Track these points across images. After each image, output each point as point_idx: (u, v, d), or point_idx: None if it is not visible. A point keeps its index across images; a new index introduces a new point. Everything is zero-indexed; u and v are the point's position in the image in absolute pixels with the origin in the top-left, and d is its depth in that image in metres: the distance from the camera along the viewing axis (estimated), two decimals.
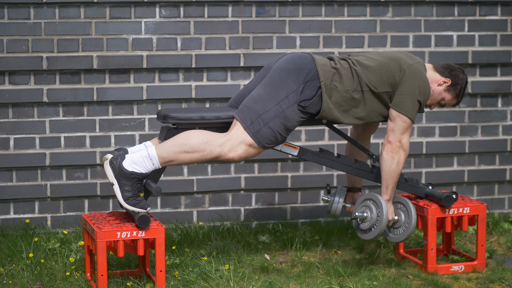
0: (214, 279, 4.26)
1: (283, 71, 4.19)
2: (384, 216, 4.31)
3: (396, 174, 4.32)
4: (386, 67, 4.29)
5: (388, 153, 4.30)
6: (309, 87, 4.17)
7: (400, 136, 4.29)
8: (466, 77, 4.44)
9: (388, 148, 4.30)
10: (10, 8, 4.88)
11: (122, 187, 3.98)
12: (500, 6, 5.40)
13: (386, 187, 4.35)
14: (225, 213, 5.21)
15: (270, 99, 4.14)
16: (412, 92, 4.27)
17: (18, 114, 4.96)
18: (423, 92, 4.30)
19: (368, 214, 4.38)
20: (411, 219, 4.37)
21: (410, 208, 4.39)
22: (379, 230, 4.33)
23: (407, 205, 4.41)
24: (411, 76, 4.28)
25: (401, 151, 4.30)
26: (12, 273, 4.32)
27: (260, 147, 4.15)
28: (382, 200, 4.33)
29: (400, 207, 4.45)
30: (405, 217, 4.41)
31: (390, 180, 4.33)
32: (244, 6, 5.12)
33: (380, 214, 4.32)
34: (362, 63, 4.29)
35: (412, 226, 4.37)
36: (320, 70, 4.19)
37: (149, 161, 4.01)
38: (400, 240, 4.43)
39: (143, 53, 5.03)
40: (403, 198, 4.45)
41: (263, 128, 4.12)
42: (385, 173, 4.33)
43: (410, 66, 4.29)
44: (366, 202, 4.40)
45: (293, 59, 4.23)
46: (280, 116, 4.13)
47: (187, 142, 4.05)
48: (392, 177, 4.33)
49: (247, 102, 4.17)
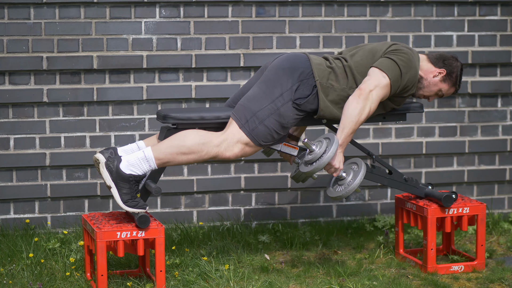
0: (214, 279, 4.26)
1: (278, 70, 4.19)
2: (327, 154, 4.07)
3: (356, 120, 4.13)
4: (374, 51, 4.29)
5: (354, 97, 4.14)
6: (304, 85, 4.17)
7: (372, 86, 4.15)
8: (461, 64, 4.42)
9: (356, 93, 4.15)
10: (10, 8, 4.89)
11: (120, 190, 3.97)
12: (500, 6, 5.40)
13: (342, 130, 4.15)
14: (225, 213, 5.22)
15: (265, 97, 4.14)
16: (392, 56, 4.22)
17: (18, 114, 4.96)
18: (406, 60, 4.23)
19: (316, 148, 4.15)
20: (355, 181, 4.15)
21: (361, 172, 4.16)
22: (316, 166, 4.07)
23: (360, 166, 4.21)
24: (393, 46, 4.27)
25: (367, 102, 4.13)
26: (12, 273, 4.32)
27: (256, 146, 4.15)
28: (337, 141, 4.11)
29: (353, 167, 4.26)
30: (353, 177, 4.20)
31: (347, 123, 4.13)
32: (244, 6, 5.12)
33: (327, 150, 4.09)
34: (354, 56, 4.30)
35: (351, 188, 4.14)
36: (315, 69, 4.20)
37: (146, 163, 4.01)
38: (333, 195, 4.21)
39: (143, 53, 5.03)
40: (361, 161, 4.25)
41: (258, 126, 4.12)
42: (345, 116, 4.14)
43: (397, 44, 4.31)
44: (321, 138, 4.21)
45: (288, 59, 4.24)
46: (275, 113, 4.13)
47: (184, 144, 4.04)
48: (351, 121, 4.13)
49: (242, 101, 4.18)
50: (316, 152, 4.12)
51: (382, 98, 4.20)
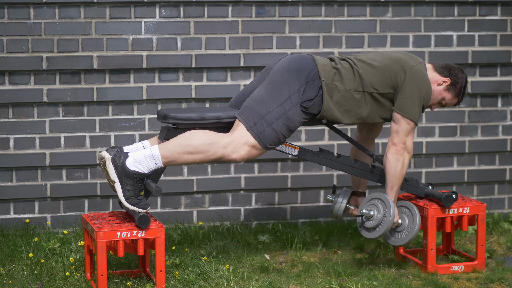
0: (214, 279, 4.26)
1: (284, 72, 4.19)
2: (391, 216, 4.30)
3: (401, 175, 4.34)
4: (388, 68, 4.29)
5: (393, 155, 4.31)
6: (310, 87, 4.18)
7: (404, 138, 4.30)
8: (466, 76, 4.45)
9: (393, 150, 4.31)
10: (10, 8, 4.89)
11: (124, 186, 3.98)
12: (500, 6, 5.40)
13: (391, 188, 4.35)
14: (225, 213, 5.21)
15: (273, 100, 4.14)
16: (414, 95, 4.27)
17: (18, 114, 4.96)
18: (425, 94, 4.31)
19: (374, 213, 4.37)
20: (415, 224, 4.37)
21: (415, 213, 4.39)
22: (384, 229, 4.32)
23: (412, 210, 4.41)
24: (413, 78, 4.28)
25: (405, 153, 4.31)
26: (12, 273, 4.32)
27: (263, 148, 4.16)
28: (391, 200, 4.32)
29: (405, 211, 4.44)
30: (409, 221, 4.40)
31: (395, 181, 4.34)
32: (244, 6, 5.12)
33: (386, 214, 4.32)
34: (365, 62, 4.29)
35: (415, 232, 4.36)
36: (321, 70, 4.20)
37: (152, 160, 4.01)
38: (401, 244, 4.42)
39: (143, 53, 5.03)
40: (409, 203, 4.44)
41: (266, 129, 4.12)
42: (390, 175, 4.33)
43: (412, 67, 4.30)
44: (374, 201, 4.39)
45: (293, 60, 4.24)
46: (283, 117, 4.14)
47: (191, 143, 4.04)
48: (397, 178, 4.34)
49: (249, 103, 4.17)
50: (377, 216, 4.36)
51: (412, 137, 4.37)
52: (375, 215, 4.37)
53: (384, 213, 4.33)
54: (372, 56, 4.36)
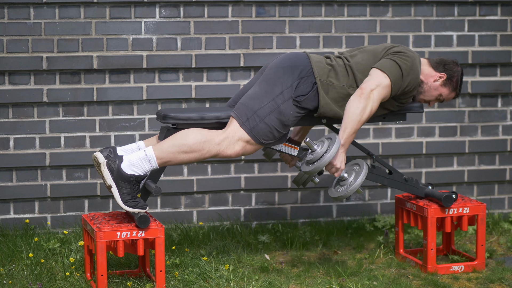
0: (214, 279, 4.26)
1: (278, 69, 4.20)
2: (329, 153, 4.07)
3: (357, 120, 4.13)
4: (374, 52, 4.30)
5: (356, 97, 4.14)
6: (304, 83, 4.18)
7: (374, 86, 4.16)
8: (461, 68, 4.43)
9: (358, 93, 4.15)
10: (10, 8, 4.89)
11: (121, 190, 3.97)
12: (500, 6, 5.40)
13: (344, 130, 4.15)
14: (225, 213, 5.21)
15: (265, 95, 4.15)
16: (394, 57, 4.23)
17: (18, 114, 4.96)
18: (407, 63, 4.23)
19: (318, 148, 4.14)
20: (356, 181, 4.14)
21: (362, 172, 4.15)
22: (318, 164, 4.07)
23: (362, 167, 4.19)
24: (395, 48, 4.29)
25: (369, 101, 4.14)
26: (12, 273, 4.32)
27: (257, 144, 4.15)
28: (339, 141, 4.11)
29: (355, 168, 4.24)
30: (354, 178, 4.19)
31: (349, 123, 4.13)
32: (244, 6, 5.12)
33: (328, 150, 4.09)
34: (355, 56, 4.31)
35: (352, 188, 4.13)
36: (315, 67, 4.21)
37: (147, 162, 4.00)
38: (334, 196, 4.20)
39: (143, 53, 5.03)
40: (363, 162, 4.23)
41: (259, 124, 4.12)
42: (347, 115, 4.14)
43: (396, 44, 4.33)
44: (323, 138, 4.20)
45: (288, 57, 4.25)
46: (276, 111, 4.14)
47: (186, 143, 4.04)
48: (353, 120, 4.13)
49: (243, 99, 4.18)
50: (318, 151, 4.11)
51: (383, 99, 4.20)
52: (317, 149, 4.14)
53: (327, 150, 4.11)
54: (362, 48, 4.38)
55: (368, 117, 4.15)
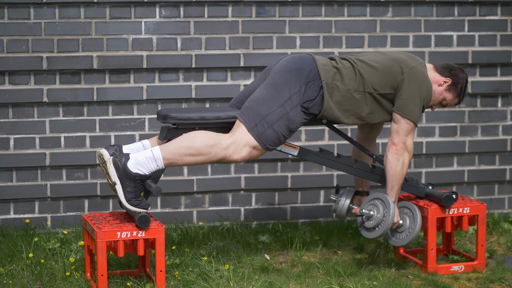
0: (214, 279, 4.26)
1: (285, 72, 4.19)
2: (390, 216, 4.31)
3: (401, 176, 4.34)
4: (388, 69, 4.29)
5: (393, 155, 4.31)
6: (311, 87, 4.18)
7: (405, 138, 4.31)
8: (466, 76, 4.45)
9: (393, 150, 4.31)
10: (10, 8, 4.89)
11: (125, 188, 3.97)
12: (500, 6, 5.40)
13: (391, 188, 4.36)
14: (225, 213, 5.21)
15: (274, 100, 4.14)
16: (415, 95, 4.28)
17: (18, 114, 4.96)
18: (426, 95, 4.32)
19: (374, 213, 4.37)
20: (416, 224, 4.38)
21: (416, 214, 4.39)
22: (383, 229, 4.33)
23: (413, 210, 4.41)
24: (413, 79, 4.28)
25: (405, 153, 4.32)
26: (12, 273, 4.32)
27: (263, 149, 4.16)
28: (391, 200, 4.33)
29: (406, 211, 4.45)
30: (410, 222, 4.41)
31: (395, 181, 4.35)
32: (244, 6, 5.12)
33: (386, 214, 4.33)
34: (365, 63, 4.29)
35: (416, 232, 4.37)
36: (321, 70, 4.20)
37: (154, 162, 4.01)
38: (402, 244, 4.42)
39: (143, 53, 5.03)
40: (410, 203, 4.45)
41: (267, 130, 4.12)
42: (390, 175, 4.33)
43: (413, 68, 4.30)
44: (374, 201, 4.40)
45: (294, 60, 4.24)
46: (284, 118, 4.14)
47: (193, 145, 4.04)
48: (398, 178, 4.34)
49: (250, 103, 4.17)
50: (376, 216, 4.37)
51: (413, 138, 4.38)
52: (375, 215, 4.37)
53: (384, 213, 4.34)
54: (372, 57, 4.36)
55: (408, 164, 4.37)
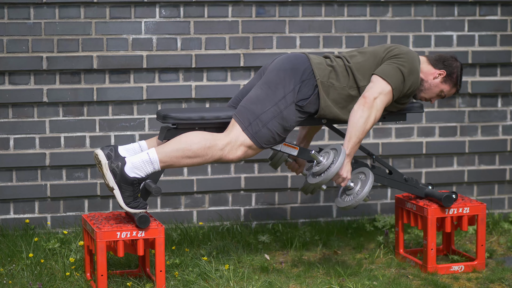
0: (214, 279, 4.26)
1: (279, 71, 4.19)
2: (336, 164, 4.09)
3: (362, 130, 4.15)
4: (373, 54, 4.30)
5: (359, 106, 4.16)
6: (305, 86, 4.18)
7: (376, 94, 4.17)
8: (460, 64, 4.43)
9: (361, 102, 4.16)
10: (10, 8, 4.89)
11: (124, 193, 3.97)
12: (500, 6, 5.40)
13: (349, 140, 4.17)
14: (225, 213, 5.21)
15: (268, 99, 4.14)
16: (394, 62, 4.24)
17: (18, 114, 4.96)
18: (407, 66, 4.24)
19: (324, 159, 4.18)
20: (363, 190, 4.17)
21: (369, 181, 4.19)
22: (325, 176, 4.11)
23: (368, 176, 4.22)
24: (395, 49, 4.28)
25: (373, 110, 4.15)
26: (12, 273, 4.32)
27: (258, 148, 4.15)
28: (344, 150, 4.13)
29: (361, 177, 4.27)
30: (361, 186, 4.21)
31: (354, 132, 4.15)
32: (244, 6, 5.12)
33: (334, 161, 4.12)
34: (355, 57, 4.30)
35: (360, 197, 4.16)
36: (316, 69, 4.20)
37: (150, 165, 4.00)
38: (342, 205, 4.22)
39: (143, 53, 5.03)
40: (368, 170, 4.26)
41: (261, 129, 4.12)
42: (351, 125, 4.16)
43: (398, 46, 4.31)
44: (328, 149, 4.23)
45: (288, 59, 4.24)
46: (278, 116, 4.14)
47: (190, 148, 4.04)
48: (357, 131, 4.15)
49: (244, 103, 4.17)
50: (324, 163, 4.15)
51: (386, 105, 4.21)
52: (323, 161, 4.17)
53: (333, 161, 4.14)
54: (362, 50, 4.37)
55: (372, 125, 4.18)
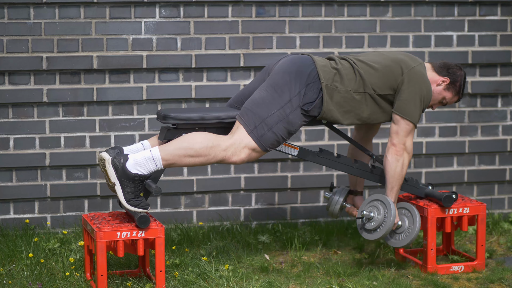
0: (214, 279, 4.26)
1: (285, 74, 4.18)
2: (391, 217, 4.30)
3: (401, 176, 4.34)
4: (388, 70, 4.29)
5: (392, 156, 4.31)
6: (310, 89, 4.17)
7: (404, 138, 4.30)
8: (464, 73, 4.45)
9: (393, 151, 4.31)
10: (10, 8, 4.89)
11: (125, 189, 3.97)
12: (500, 6, 5.40)
13: (391, 189, 4.35)
14: (224, 213, 5.21)
15: (273, 102, 4.14)
16: (415, 96, 4.28)
17: (18, 114, 4.96)
18: (426, 95, 4.32)
19: (375, 214, 4.37)
20: (415, 225, 4.37)
21: (415, 214, 4.38)
22: (385, 231, 4.32)
23: (412, 211, 4.41)
24: (414, 80, 4.28)
25: (405, 154, 4.31)
26: (12, 273, 4.32)
27: (262, 151, 4.16)
28: (391, 201, 4.33)
29: (404, 212, 4.44)
30: (409, 223, 4.40)
31: (395, 182, 4.34)
32: (244, 6, 5.12)
33: (387, 215, 4.32)
34: (365, 63, 4.29)
35: (415, 233, 4.36)
36: (321, 72, 4.20)
37: (153, 163, 4.00)
38: (401, 245, 4.42)
39: (143, 53, 5.03)
40: (409, 204, 4.44)
41: (267, 133, 4.12)
42: (390, 176, 4.33)
43: (413, 69, 4.30)
44: (374, 202, 4.39)
45: (293, 61, 4.23)
46: (284, 120, 4.14)
47: (193, 147, 4.04)
48: (397, 179, 4.34)
49: (249, 105, 4.16)
50: (377, 218, 4.35)
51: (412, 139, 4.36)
52: (375, 216, 4.36)
53: (385, 214, 4.33)
54: (372, 57, 4.35)
55: (408, 166, 4.36)
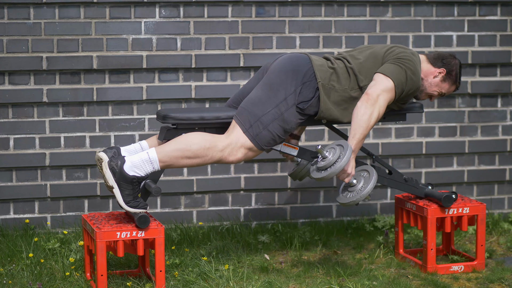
0: (214, 279, 4.26)
1: (281, 72, 4.19)
2: (343, 160, 4.10)
3: (366, 126, 4.16)
4: (374, 55, 4.30)
5: (362, 103, 4.16)
6: (306, 88, 4.17)
7: (379, 91, 4.18)
8: (459, 61, 4.44)
9: (364, 98, 4.17)
10: (10, 8, 4.89)
11: (123, 191, 3.97)
12: (500, 6, 5.40)
13: (353, 136, 4.17)
14: (224, 213, 5.22)
15: (269, 101, 4.14)
16: (396, 61, 4.24)
17: (18, 114, 4.96)
18: (409, 66, 4.25)
19: (330, 155, 4.17)
20: (367, 187, 4.17)
21: (372, 178, 4.19)
22: (331, 171, 4.11)
23: (372, 175, 4.22)
24: (397, 50, 4.29)
25: (376, 106, 4.16)
26: (12, 273, 4.33)
27: (258, 150, 4.16)
28: (350, 146, 4.14)
29: (364, 174, 4.28)
30: (364, 184, 4.22)
31: (358, 129, 4.16)
32: (244, 6, 5.12)
33: (340, 158, 4.13)
34: (355, 58, 4.30)
35: (363, 194, 4.16)
36: (317, 71, 4.20)
37: (150, 164, 4.00)
38: (344, 202, 4.22)
39: (143, 53, 5.03)
40: (371, 168, 4.27)
41: (262, 131, 4.12)
42: (355, 122, 4.17)
43: (396, 45, 4.33)
44: (334, 145, 4.23)
45: (290, 60, 4.23)
46: (279, 119, 4.13)
47: (190, 148, 4.04)
48: (362, 127, 4.16)
49: (245, 104, 4.17)
50: (330, 158, 4.15)
51: (388, 102, 4.22)
52: (329, 156, 4.17)
53: (340, 156, 4.14)
54: (361, 49, 4.37)
55: (376, 122, 4.19)
